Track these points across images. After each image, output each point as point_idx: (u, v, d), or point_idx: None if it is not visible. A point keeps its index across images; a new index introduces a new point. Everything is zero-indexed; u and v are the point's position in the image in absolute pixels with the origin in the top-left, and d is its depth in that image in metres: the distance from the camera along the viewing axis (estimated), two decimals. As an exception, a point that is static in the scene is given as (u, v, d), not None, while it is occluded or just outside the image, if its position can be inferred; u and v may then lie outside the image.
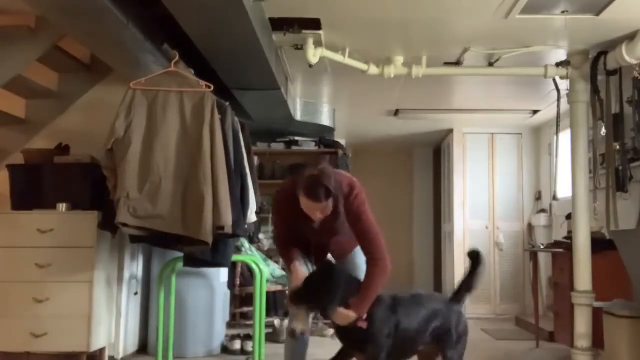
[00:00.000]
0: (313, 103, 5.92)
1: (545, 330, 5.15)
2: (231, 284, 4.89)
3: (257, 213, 4.03)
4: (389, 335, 2.62)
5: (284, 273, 5.18)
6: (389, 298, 2.71)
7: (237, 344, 4.55)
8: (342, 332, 2.71)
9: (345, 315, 2.57)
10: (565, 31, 3.77)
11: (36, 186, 3.79)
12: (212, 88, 3.46)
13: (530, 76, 4.59)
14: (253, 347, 3.95)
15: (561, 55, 4.22)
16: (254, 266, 4.05)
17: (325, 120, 6.08)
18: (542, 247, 5.44)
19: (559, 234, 5.64)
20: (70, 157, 3.99)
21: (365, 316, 2.59)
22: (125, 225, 3.27)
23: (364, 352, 2.65)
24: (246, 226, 3.69)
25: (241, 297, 5.36)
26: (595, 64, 4.09)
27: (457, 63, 4.39)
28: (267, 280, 4.30)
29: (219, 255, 3.50)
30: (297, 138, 6.60)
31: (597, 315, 3.89)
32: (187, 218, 3.26)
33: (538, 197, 6.91)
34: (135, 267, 4.23)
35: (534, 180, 7.01)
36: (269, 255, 5.53)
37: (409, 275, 8.48)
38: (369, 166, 8.43)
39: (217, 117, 3.43)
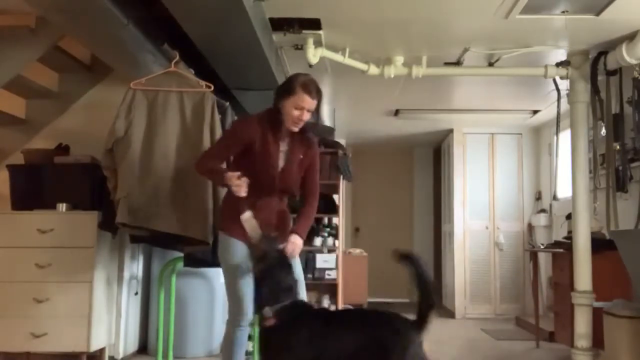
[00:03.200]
0: (313, 103, 5.91)
1: (545, 330, 5.15)
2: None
3: (257, 213, 4.02)
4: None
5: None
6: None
7: (237, 344, 4.54)
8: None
9: (299, 241, 2.74)
10: (565, 31, 3.77)
11: (36, 186, 3.79)
12: (212, 88, 3.46)
13: (530, 76, 4.59)
14: (253, 347, 3.95)
15: (561, 55, 4.22)
16: (254, 266, 4.05)
17: (325, 120, 6.07)
18: (542, 247, 5.45)
19: (559, 234, 5.64)
20: (70, 157, 3.99)
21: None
22: (125, 225, 3.27)
23: None
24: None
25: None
26: (595, 64, 4.09)
27: (457, 63, 4.39)
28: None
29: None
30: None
31: (597, 315, 3.89)
32: (187, 218, 3.26)
33: (538, 197, 6.91)
34: (135, 267, 4.23)
35: (534, 180, 7.01)
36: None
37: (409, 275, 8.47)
38: (369, 166, 8.44)
39: (217, 117, 3.43)
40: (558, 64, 4.23)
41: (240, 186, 2.64)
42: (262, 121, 2.81)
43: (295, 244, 2.72)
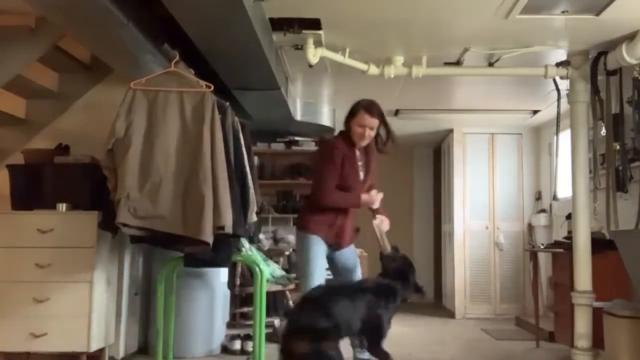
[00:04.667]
0: (313, 103, 5.92)
1: (545, 330, 5.15)
2: (231, 284, 4.89)
3: (257, 213, 4.02)
4: None
5: (284, 273, 5.17)
6: None
7: (237, 344, 4.54)
8: None
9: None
10: (565, 31, 3.77)
11: (36, 186, 3.79)
12: (212, 88, 3.46)
13: (530, 76, 4.59)
14: (253, 347, 3.94)
15: (561, 55, 4.22)
16: (254, 266, 4.05)
17: (325, 120, 6.08)
18: (542, 247, 5.44)
19: (559, 234, 5.64)
20: (70, 157, 3.99)
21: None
22: (125, 225, 3.27)
23: None
24: (246, 226, 3.69)
25: (241, 297, 5.35)
26: (595, 64, 4.09)
27: (457, 63, 4.39)
28: (267, 280, 4.29)
29: (219, 255, 3.49)
30: (297, 138, 6.60)
31: (597, 315, 3.89)
32: (187, 218, 3.26)
33: (538, 197, 6.91)
34: (135, 267, 4.23)
35: (534, 180, 7.01)
36: (269, 255, 5.52)
37: (409, 275, 8.47)
38: (369, 166, 8.42)
39: (217, 117, 3.43)
40: (558, 64, 4.22)
41: (380, 198, 3.50)
42: (344, 142, 3.44)
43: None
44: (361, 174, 3.51)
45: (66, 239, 3.61)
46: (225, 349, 4.54)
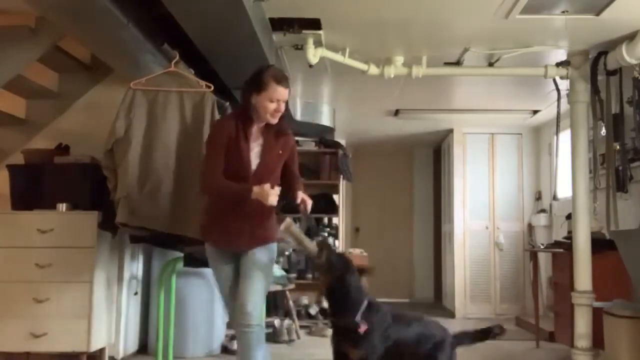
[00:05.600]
0: (313, 103, 5.92)
1: (545, 330, 5.15)
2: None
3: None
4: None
5: (284, 273, 5.17)
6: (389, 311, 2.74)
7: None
8: (339, 335, 2.66)
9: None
10: (565, 31, 3.78)
11: (36, 186, 3.79)
12: (212, 88, 3.46)
13: (530, 76, 4.59)
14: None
15: (561, 55, 4.23)
16: (254, 266, 4.05)
17: (325, 120, 6.07)
18: (542, 247, 5.45)
19: (559, 234, 5.64)
20: (70, 157, 3.99)
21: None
22: (125, 225, 3.28)
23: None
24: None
25: (241, 297, 5.35)
26: (595, 64, 4.09)
27: (457, 63, 4.40)
28: (267, 280, 4.30)
29: (218, 255, 3.49)
30: (297, 138, 6.57)
31: (597, 315, 3.89)
32: (186, 218, 3.26)
33: (538, 197, 6.91)
34: (135, 267, 4.23)
35: (534, 180, 7.01)
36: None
37: (409, 275, 8.48)
38: (369, 166, 8.44)
39: (217, 117, 3.43)
40: (558, 64, 4.23)
41: (275, 195, 2.60)
42: (235, 118, 2.76)
43: (306, 199, 2.72)
44: (253, 160, 2.71)
45: (66, 239, 3.61)
46: (225, 349, 4.54)
